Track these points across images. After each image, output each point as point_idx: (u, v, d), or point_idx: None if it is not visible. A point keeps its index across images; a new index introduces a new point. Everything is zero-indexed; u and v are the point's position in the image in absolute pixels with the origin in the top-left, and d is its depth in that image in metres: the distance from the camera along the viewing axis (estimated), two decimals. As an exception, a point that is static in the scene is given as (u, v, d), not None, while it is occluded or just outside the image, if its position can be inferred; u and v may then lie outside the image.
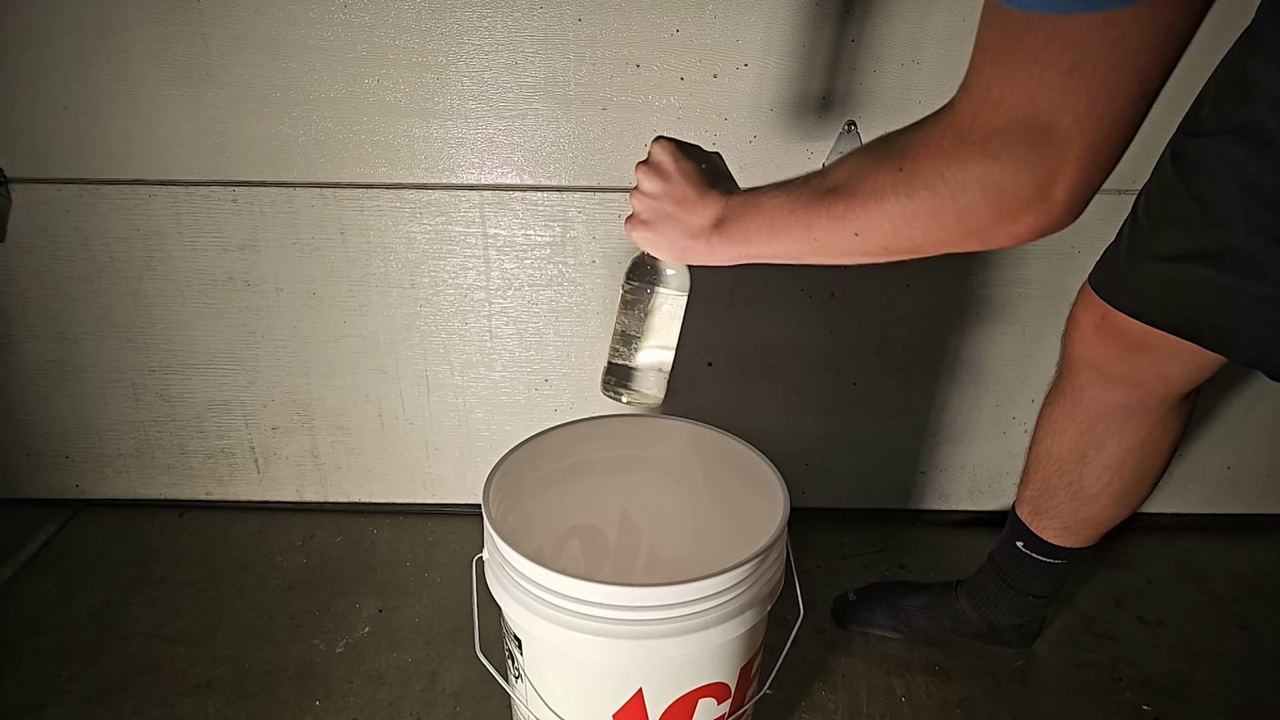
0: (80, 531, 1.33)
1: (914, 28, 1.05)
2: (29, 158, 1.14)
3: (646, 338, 0.76)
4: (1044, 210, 0.45)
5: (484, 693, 1.04)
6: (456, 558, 1.29)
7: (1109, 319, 0.82)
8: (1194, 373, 0.82)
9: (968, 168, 0.46)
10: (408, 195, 1.16)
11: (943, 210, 0.48)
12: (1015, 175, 0.45)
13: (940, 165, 0.47)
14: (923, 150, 0.48)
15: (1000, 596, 1.05)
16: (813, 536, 1.34)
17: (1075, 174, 0.44)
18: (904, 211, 0.50)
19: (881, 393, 1.28)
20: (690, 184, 0.65)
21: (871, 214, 0.52)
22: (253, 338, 1.26)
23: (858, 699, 1.05)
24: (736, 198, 0.63)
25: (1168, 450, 0.91)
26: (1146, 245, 0.76)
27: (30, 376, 1.28)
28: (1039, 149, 0.43)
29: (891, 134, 0.53)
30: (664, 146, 0.66)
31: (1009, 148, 0.44)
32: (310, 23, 1.06)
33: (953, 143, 0.47)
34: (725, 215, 0.63)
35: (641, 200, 0.68)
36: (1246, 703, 1.06)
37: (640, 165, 0.67)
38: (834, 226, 0.54)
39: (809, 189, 0.57)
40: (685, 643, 0.70)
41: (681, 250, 0.67)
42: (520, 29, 1.06)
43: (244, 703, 1.03)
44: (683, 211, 0.65)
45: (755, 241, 0.61)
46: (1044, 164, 0.44)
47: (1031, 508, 0.98)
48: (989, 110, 0.45)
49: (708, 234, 0.64)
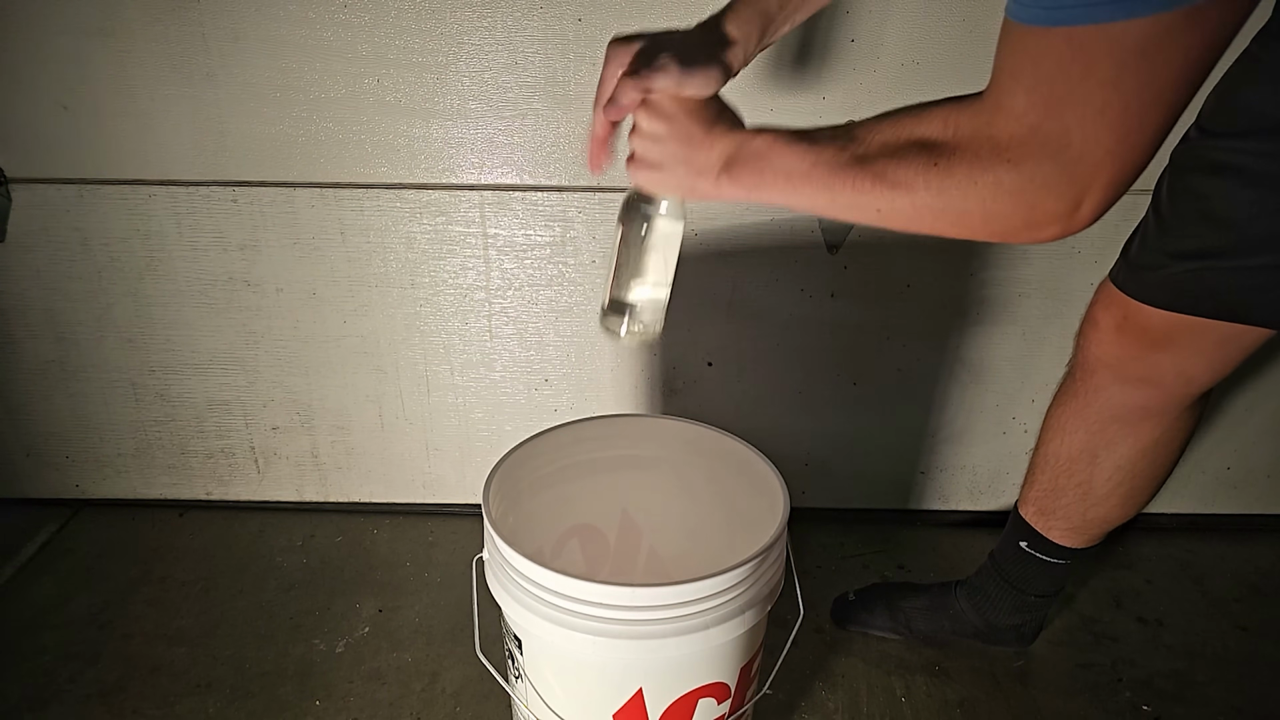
0: (80, 531, 1.33)
1: (914, 28, 1.05)
2: (29, 158, 1.14)
3: (644, 272, 0.75)
4: (1068, 223, 0.49)
5: (484, 693, 1.04)
6: (456, 558, 1.29)
7: (1132, 318, 0.81)
8: (1216, 369, 0.82)
9: (1001, 180, 0.48)
10: (408, 195, 1.16)
11: (971, 213, 0.51)
12: (1046, 192, 0.47)
13: (976, 173, 0.49)
14: (959, 153, 0.50)
15: (1000, 596, 1.05)
16: (813, 536, 1.34)
17: (1102, 195, 0.47)
18: (933, 206, 0.52)
19: (881, 393, 1.28)
20: (696, 121, 0.64)
21: (899, 200, 0.53)
22: (253, 338, 1.26)
23: (858, 699, 1.05)
24: (748, 140, 0.62)
25: (1179, 450, 0.91)
26: (1173, 241, 0.76)
27: (30, 376, 1.28)
28: (1071, 171, 0.46)
29: (924, 112, 0.53)
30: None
31: (1042, 168, 0.47)
32: (310, 22, 1.06)
33: (989, 154, 0.48)
34: (736, 156, 0.62)
35: (643, 142, 0.66)
36: (1246, 703, 1.06)
37: (640, 106, 0.65)
38: (858, 199, 0.55)
39: (833, 151, 0.56)
40: (685, 643, 0.70)
41: (689, 189, 0.66)
42: (520, 29, 1.06)
43: (244, 703, 1.03)
44: (689, 150, 0.64)
45: (768, 189, 0.61)
46: (1074, 185, 0.47)
47: (1037, 508, 0.98)
48: (1025, 132, 0.47)
49: (715, 172, 0.63)
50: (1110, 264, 0.87)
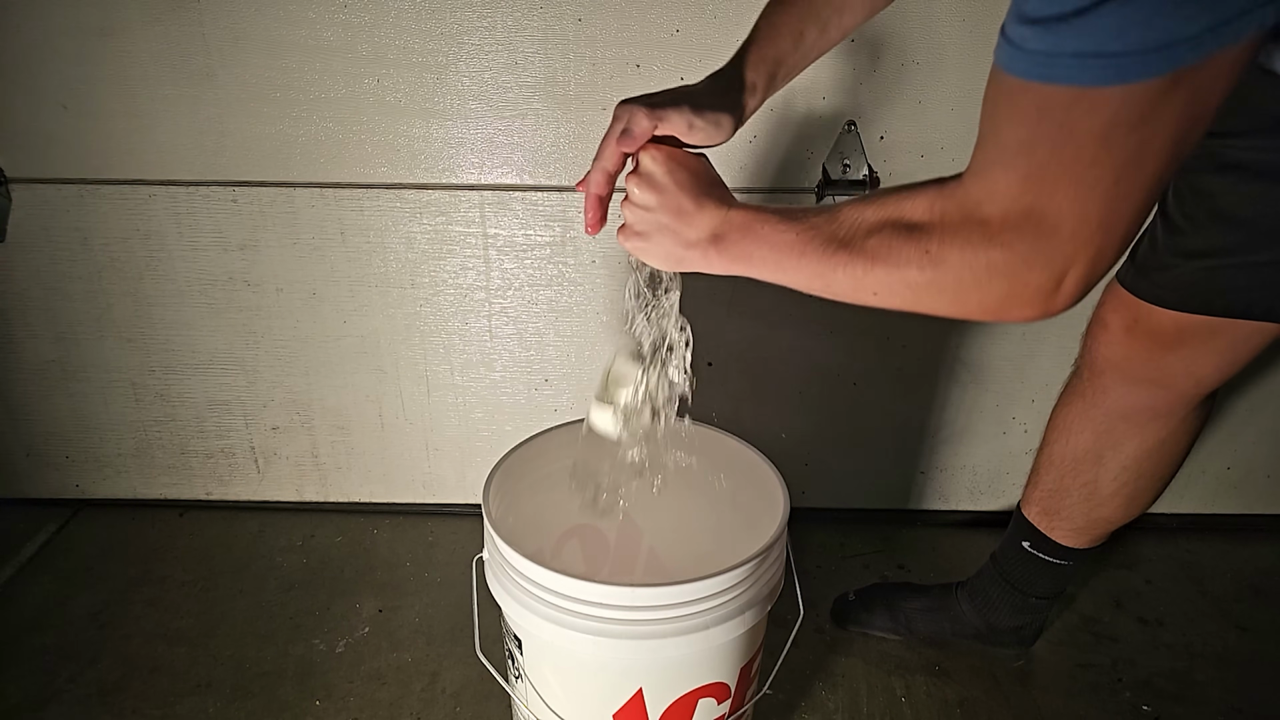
0: (80, 531, 1.33)
1: (914, 28, 1.05)
2: (29, 158, 1.14)
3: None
4: (1054, 300, 0.49)
5: (484, 693, 1.04)
6: (456, 558, 1.29)
7: (1142, 320, 0.82)
8: (1225, 369, 0.82)
9: (993, 261, 0.49)
10: (408, 195, 1.16)
11: (964, 293, 0.52)
12: (1035, 270, 0.48)
13: (968, 255, 0.50)
14: (950, 237, 0.51)
15: (1002, 598, 1.05)
16: (813, 536, 1.34)
17: (1086, 272, 0.48)
18: (929, 287, 0.53)
19: (881, 392, 1.28)
20: (686, 195, 0.64)
21: (894, 283, 0.54)
22: (253, 338, 1.26)
23: (858, 699, 1.05)
24: (736, 215, 0.63)
25: (1184, 451, 0.91)
26: (1182, 241, 0.76)
27: (30, 376, 1.28)
28: (1058, 249, 0.47)
29: (909, 195, 0.53)
30: (655, 156, 0.65)
31: (1033, 248, 0.48)
32: (310, 22, 1.06)
33: (981, 238, 0.49)
34: (724, 232, 0.63)
35: (634, 211, 0.67)
36: (1246, 703, 1.06)
37: (630, 175, 0.66)
38: (852, 283, 0.56)
39: (822, 235, 0.57)
40: (685, 643, 0.70)
41: (677, 260, 0.67)
42: (520, 29, 1.06)
43: (244, 703, 1.03)
44: (678, 223, 0.65)
45: (756, 265, 0.62)
46: (1061, 263, 0.47)
47: (1041, 508, 0.98)
48: (1017, 214, 0.47)
49: (704, 246, 0.64)
50: (1110, 264, 0.87)
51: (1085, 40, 0.41)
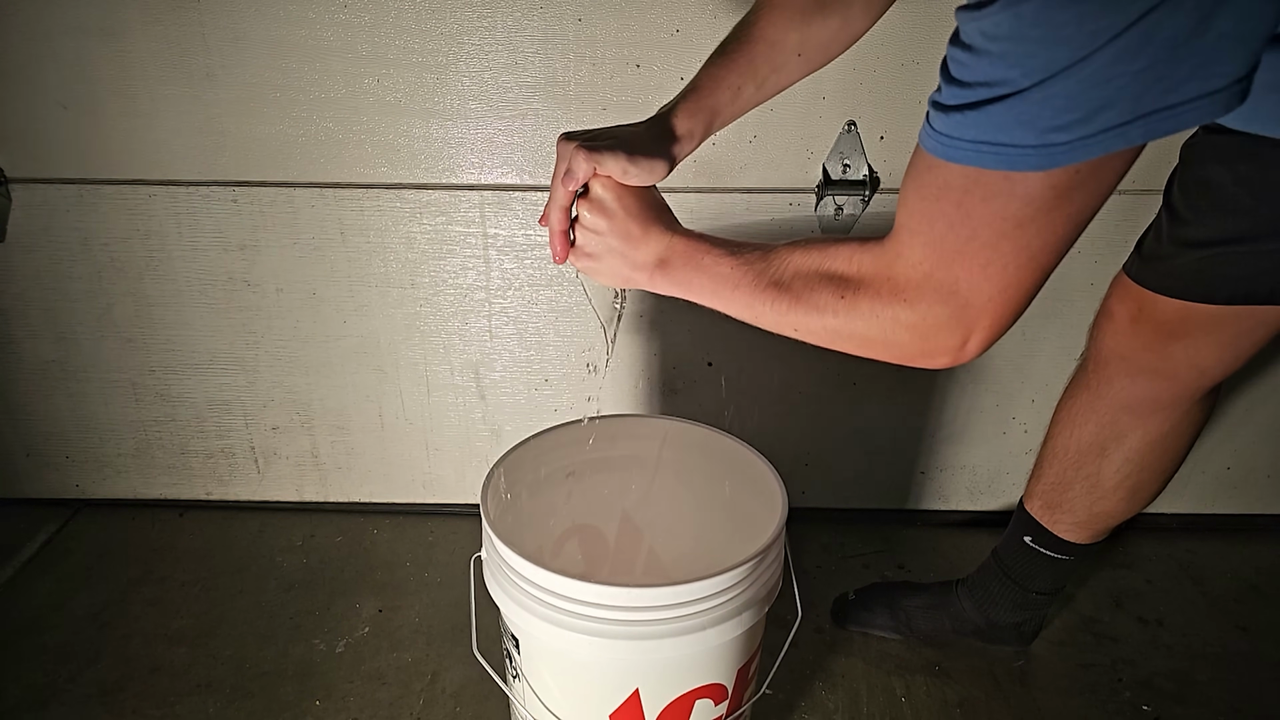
0: (80, 531, 1.33)
1: (914, 27, 1.05)
2: (29, 158, 1.14)
3: None
4: (958, 356, 0.56)
5: (484, 693, 1.04)
6: (456, 558, 1.29)
7: (1147, 310, 0.82)
8: (1228, 361, 0.83)
9: (899, 316, 0.55)
10: (408, 195, 1.16)
11: (873, 340, 0.58)
12: (938, 330, 0.55)
13: (877, 308, 0.56)
14: (863, 289, 0.57)
15: (1002, 593, 1.05)
16: (813, 536, 1.34)
17: (986, 334, 0.55)
18: (841, 331, 0.59)
19: (881, 392, 1.28)
20: (634, 220, 0.69)
21: (811, 323, 0.60)
22: (253, 338, 1.26)
23: (858, 699, 1.05)
24: (679, 242, 0.68)
25: (1187, 445, 0.92)
26: (1187, 231, 0.77)
27: (30, 376, 1.28)
28: (960, 313, 0.53)
29: (833, 247, 0.59)
30: (605, 184, 0.69)
31: (934, 309, 0.54)
32: (310, 22, 1.06)
33: (889, 293, 0.56)
34: (668, 258, 0.68)
35: (585, 234, 0.71)
36: (1246, 703, 1.06)
37: (582, 199, 0.70)
38: (776, 318, 0.63)
39: (755, 272, 0.63)
40: (683, 643, 0.70)
41: (624, 279, 0.71)
42: (520, 29, 1.06)
43: (244, 703, 1.03)
44: (626, 247, 0.69)
45: (695, 293, 0.68)
46: (963, 325, 0.54)
47: (1044, 502, 0.98)
48: (920, 278, 0.54)
49: (650, 269, 0.69)
50: (1110, 263, 0.88)
51: (982, 129, 0.46)
